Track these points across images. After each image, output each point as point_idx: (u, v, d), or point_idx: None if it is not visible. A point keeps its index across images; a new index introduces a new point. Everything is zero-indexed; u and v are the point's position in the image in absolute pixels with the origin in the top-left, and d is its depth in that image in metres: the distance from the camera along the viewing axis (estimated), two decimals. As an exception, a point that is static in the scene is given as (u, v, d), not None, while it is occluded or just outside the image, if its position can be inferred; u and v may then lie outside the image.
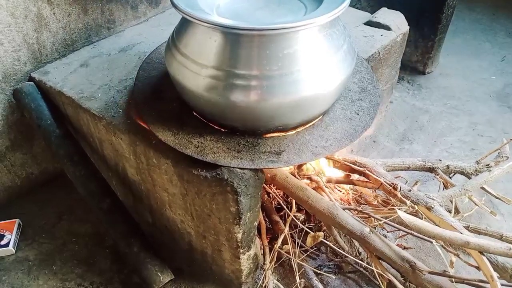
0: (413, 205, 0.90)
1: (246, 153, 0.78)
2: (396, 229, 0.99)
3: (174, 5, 0.73)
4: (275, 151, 0.79)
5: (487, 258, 0.84)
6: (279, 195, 1.10)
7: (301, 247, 1.01)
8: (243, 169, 0.75)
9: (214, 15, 0.76)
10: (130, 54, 1.12)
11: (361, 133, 0.84)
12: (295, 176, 0.99)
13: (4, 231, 1.08)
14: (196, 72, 0.75)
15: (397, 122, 1.50)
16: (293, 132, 0.83)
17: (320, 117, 0.86)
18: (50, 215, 1.15)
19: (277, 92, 0.72)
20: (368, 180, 1.05)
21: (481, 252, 0.82)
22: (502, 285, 0.79)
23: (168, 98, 0.90)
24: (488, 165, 1.10)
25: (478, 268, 0.85)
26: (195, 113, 0.86)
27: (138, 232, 0.96)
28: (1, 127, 1.08)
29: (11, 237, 1.07)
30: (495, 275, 0.80)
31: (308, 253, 1.01)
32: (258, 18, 0.78)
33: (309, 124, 0.85)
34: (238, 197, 0.74)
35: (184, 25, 0.78)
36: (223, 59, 0.72)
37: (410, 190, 0.96)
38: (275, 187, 1.08)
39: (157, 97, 0.90)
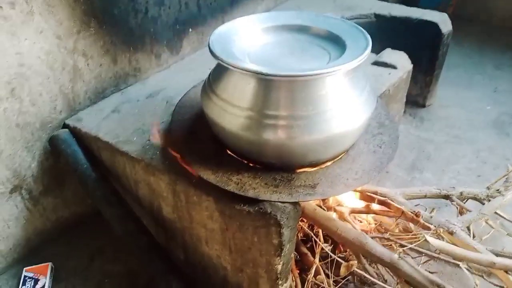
0: (437, 230, 0.96)
1: (283, 187, 0.84)
2: (419, 255, 1.04)
3: (214, 56, 0.81)
4: (309, 184, 0.85)
5: (512, 278, 0.89)
6: (305, 226, 1.14)
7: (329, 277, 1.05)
8: (284, 202, 0.81)
9: (249, 63, 0.84)
10: (158, 99, 1.20)
11: (386, 164, 0.90)
12: (322, 208, 1.05)
13: (38, 275, 1.10)
14: (234, 114, 0.82)
15: (405, 153, 1.58)
16: (323, 166, 0.89)
17: (346, 151, 0.93)
18: (82, 257, 1.17)
19: (313, 130, 0.79)
20: (388, 209, 1.11)
21: (506, 271, 0.87)
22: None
23: (203, 138, 0.96)
24: (498, 190, 1.17)
25: (503, 288, 0.90)
26: (229, 152, 0.93)
27: (175, 269, 1.00)
28: (36, 173, 1.13)
29: (45, 280, 1.09)
30: (522, 293, 0.85)
31: (341, 283, 1.05)
32: (289, 64, 0.86)
33: (337, 158, 0.91)
34: (281, 229, 0.79)
35: (222, 72, 0.86)
36: (261, 101, 0.80)
37: (432, 216, 1.02)
38: (301, 218, 1.13)
39: (193, 138, 0.96)
